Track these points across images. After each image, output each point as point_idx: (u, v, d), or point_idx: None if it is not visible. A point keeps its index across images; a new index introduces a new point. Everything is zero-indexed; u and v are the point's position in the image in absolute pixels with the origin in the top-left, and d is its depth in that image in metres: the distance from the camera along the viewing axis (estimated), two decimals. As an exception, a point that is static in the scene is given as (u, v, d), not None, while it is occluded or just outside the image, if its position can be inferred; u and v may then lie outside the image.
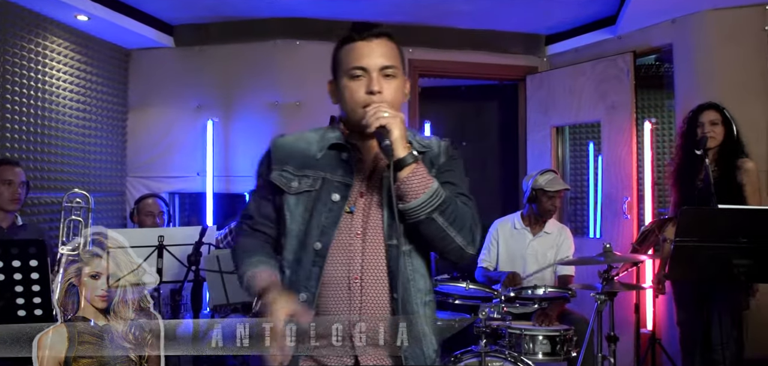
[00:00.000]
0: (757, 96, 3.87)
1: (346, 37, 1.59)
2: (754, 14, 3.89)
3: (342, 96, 1.60)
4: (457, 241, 1.52)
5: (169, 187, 4.64)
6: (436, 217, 1.49)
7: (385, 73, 1.55)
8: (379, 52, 1.56)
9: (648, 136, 4.18)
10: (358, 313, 1.55)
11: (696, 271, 2.83)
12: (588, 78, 4.52)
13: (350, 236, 1.57)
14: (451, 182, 1.59)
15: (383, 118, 1.47)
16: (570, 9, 4.45)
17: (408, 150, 1.48)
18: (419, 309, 1.58)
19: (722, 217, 2.78)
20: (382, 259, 1.56)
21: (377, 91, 1.52)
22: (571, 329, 3.28)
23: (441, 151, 1.66)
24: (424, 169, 1.51)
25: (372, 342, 1.54)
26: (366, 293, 1.55)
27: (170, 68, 4.71)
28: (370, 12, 4.56)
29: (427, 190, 1.48)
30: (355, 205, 1.59)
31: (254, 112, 4.62)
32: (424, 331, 1.59)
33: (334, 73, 1.64)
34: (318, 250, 1.55)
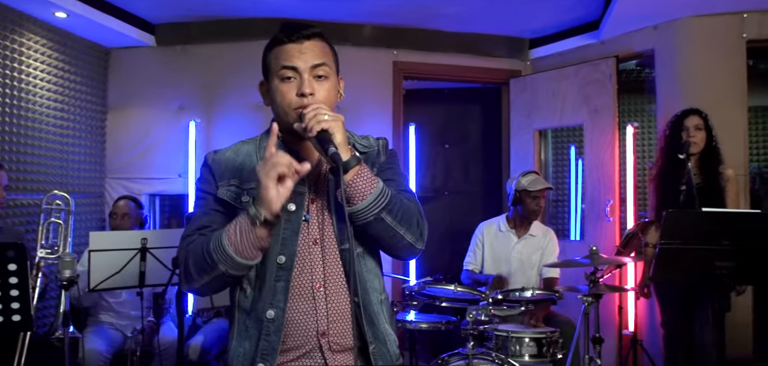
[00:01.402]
0: (736, 102, 3.95)
1: (275, 38, 1.53)
2: (733, 22, 3.97)
3: (273, 99, 1.53)
4: (407, 238, 1.51)
5: (149, 188, 4.56)
6: (385, 216, 1.47)
7: (316, 73, 1.50)
8: (311, 51, 1.50)
9: (630, 140, 4.24)
10: (325, 322, 1.52)
11: (680, 273, 2.87)
12: (571, 82, 4.57)
13: (309, 245, 1.53)
14: (393, 179, 1.58)
15: (324, 121, 1.41)
16: (554, 14, 4.49)
17: (351, 152, 1.45)
18: (378, 309, 1.58)
19: (706, 220, 2.82)
20: (340, 265, 1.54)
21: (309, 93, 1.47)
22: (557, 331, 3.30)
23: (380, 149, 1.65)
24: (368, 170, 1.48)
25: (341, 349, 1.54)
26: (330, 300, 1.53)
27: (151, 68, 4.63)
28: (355, 13, 4.55)
29: (374, 190, 1.46)
30: (309, 212, 1.55)
31: (237, 114, 4.56)
32: (387, 331, 1.58)
33: (265, 75, 1.57)
34: (282, 263, 1.50)
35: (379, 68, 4.77)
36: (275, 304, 1.49)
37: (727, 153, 3.53)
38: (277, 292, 1.49)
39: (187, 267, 1.49)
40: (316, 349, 1.52)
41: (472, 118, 5.69)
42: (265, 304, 1.49)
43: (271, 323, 1.49)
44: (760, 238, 2.72)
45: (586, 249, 3.05)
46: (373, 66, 4.76)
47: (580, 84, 4.51)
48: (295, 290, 1.51)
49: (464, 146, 5.72)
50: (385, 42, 4.77)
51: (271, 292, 1.49)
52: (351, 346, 1.55)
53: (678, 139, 3.45)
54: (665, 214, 2.75)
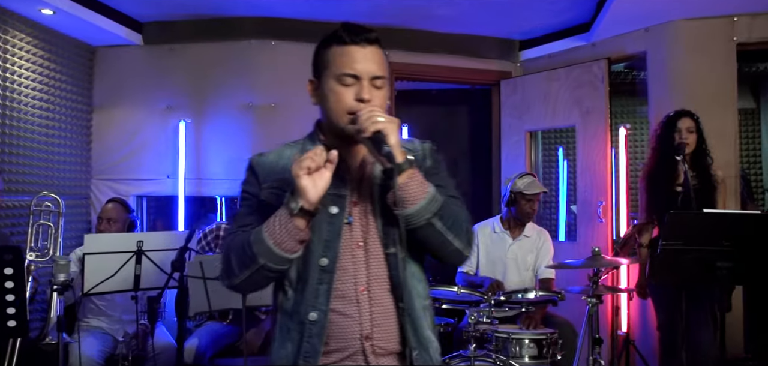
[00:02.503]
0: (727, 104, 4.01)
1: (336, 37, 1.50)
2: (723, 25, 4.03)
3: (326, 99, 1.51)
4: (455, 244, 1.50)
5: (137, 190, 4.47)
6: (435, 221, 1.46)
7: (375, 83, 1.49)
8: (371, 59, 1.49)
9: (623, 141, 4.28)
10: (369, 325, 1.51)
11: (680, 273, 2.91)
12: (562, 84, 4.60)
13: (352, 248, 1.53)
14: (440, 185, 1.55)
15: (379, 122, 1.40)
16: (545, 16, 4.51)
17: (404, 155, 1.43)
18: (421, 314, 1.56)
19: (707, 221, 2.86)
20: (384, 268, 1.53)
21: (367, 100, 1.47)
22: (556, 332, 3.31)
23: (426, 154, 1.62)
24: (420, 175, 1.46)
25: (384, 352, 1.53)
26: (374, 303, 1.52)
27: (138, 67, 4.53)
28: (348, 13, 4.51)
29: (426, 195, 1.45)
30: (351, 215, 1.54)
31: (227, 114, 4.49)
32: (429, 337, 1.57)
33: (318, 73, 1.54)
34: (324, 266, 1.50)
35: (371, 69, 4.73)
36: (318, 307, 1.49)
37: (717, 155, 3.57)
38: (319, 295, 1.49)
39: (228, 262, 1.50)
40: (359, 352, 1.51)
41: (459, 119, 5.71)
42: (308, 307, 1.49)
43: (313, 325, 1.49)
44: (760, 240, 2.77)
45: (576, 250, 3.08)
46: (365, 67, 4.71)
47: (571, 86, 4.54)
48: (338, 292, 1.51)
49: (451, 147, 5.72)
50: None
51: (314, 295, 1.49)
52: (395, 350, 1.54)
53: (670, 140, 3.49)
54: (667, 216, 2.78)
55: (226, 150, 4.47)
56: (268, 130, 4.48)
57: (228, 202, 4.66)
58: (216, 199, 4.61)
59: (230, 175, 4.45)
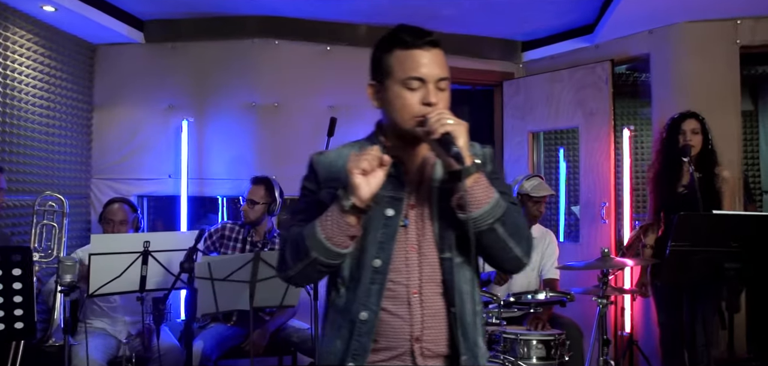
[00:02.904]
0: (730, 106, 4.03)
1: (399, 40, 1.50)
2: (726, 28, 4.06)
3: (391, 104, 1.51)
4: (516, 251, 1.50)
5: (138, 189, 4.42)
6: (498, 227, 1.46)
7: (439, 85, 1.49)
8: (436, 62, 1.49)
9: (627, 142, 4.29)
10: (420, 328, 1.52)
11: (689, 274, 2.92)
12: (565, 85, 4.61)
13: (406, 250, 1.54)
14: (501, 191, 1.53)
15: (448, 125, 1.41)
16: (548, 17, 4.52)
17: (472, 159, 1.43)
18: (472, 320, 1.56)
19: (715, 222, 2.88)
20: (438, 272, 1.54)
21: (434, 103, 1.47)
22: (563, 333, 3.31)
23: (487, 158, 1.61)
24: (486, 179, 1.46)
25: (433, 355, 1.54)
26: (426, 306, 1.53)
27: (139, 65, 4.48)
28: (351, 13, 4.50)
29: (490, 200, 1.44)
30: (407, 218, 1.55)
31: (229, 114, 4.46)
32: (478, 343, 1.57)
33: (379, 77, 1.54)
34: (377, 267, 1.51)
35: (374, 69, 4.71)
36: (369, 306, 1.51)
37: (721, 157, 3.60)
38: (371, 295, 1.51)
39: (283, 254, 1.55)
40: (407, 353, 1.52)
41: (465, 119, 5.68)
42: (359, 306, 1.51)
43: (364, 324, 1.50)
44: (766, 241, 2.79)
45: (579, 250, 3.09)
46: (367, 66, 4.61)
47: (574, 87, 4.55)
48: (390, 293, 1.52)
49: (453, 148, 5.70)
50: (380, 42, 4.71)
51: (366, 294, 1.51)
52: (443, 353, 1.54)
53: (675, 141, 3.51)
54: (677, 217, 2.79)
55: (228, 150, 4.44)
56: (271, 130, 4.46)
57: (229, 203, 4.63)
58: (217, 200, 4.57)
59: (232, 175, 4.42)
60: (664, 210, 3.55)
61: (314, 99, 4.56)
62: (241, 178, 4.39)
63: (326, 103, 4.58)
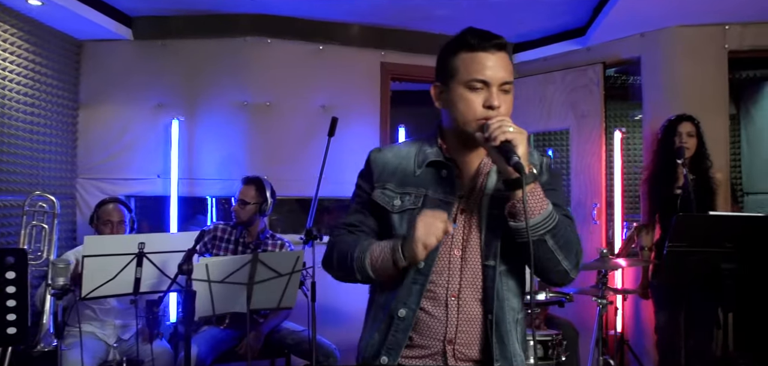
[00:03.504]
0: (719, 110, 4.10)
1: (464, 43, 1.51)
2: (715, 32, 4.12)
3: (454, 105, 1.52)
4: (564, 264, 1.49)
5: (125, 189, 4.31)
6: (548, 239, 1.46)
7: (503, 88, 1.50)
8: (500, 65, 1.50)
9: (618, 144, 4.33)
10: (454, 331, 1.55)
11: (686, 274, 2.95)
12: (557, 87, 4.64)
13: (450, 254, 1.56)
14: (555, 202, 1.53)
15: (509, 133, 1.41)
16: (541, 19, 4.54)
17: (530, 168, 1.44)
18: (511, 328, 1.57)
19: (711, 224, 2.92)
20: (479, 278, 1.55)
21: (497, 106, 1.47)
22: (560, 333, 3.33)
23: (544, 168, 1.61)
24: (541, 190, 1.46)
25: (465, 359, 1.56)
26: (462, 311, 1.55)
27: (128, 62, 4.38)
28: (342, 12, 4.47)
29: (543, 211, 1.44)
30: (455, 222, 1.56)
31: (221, 113, 4.39)
32: (516, 351, 1.58)
33: (444, 78, 1.55)
34: (420, 268, 1.54)
35: (367, 69, 4.70)
36: (408, 305, 1.55)
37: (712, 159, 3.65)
38: (412, 294, 1.55)
39: (331, 257, 1.64)
40: (439, 354, 1.56)
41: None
42: (399, 303, 1.55)
43: (401, 321, 1.55)
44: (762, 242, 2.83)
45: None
46: (360, 66, 4.68)
47: (566, 89, 4.58)
48: (430, 294, 1.56)
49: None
50: (372, 42, 4.70)
51: (407, 293, 1.55)
52: (476, 358, 1.56)
53: (670, 144, 3.55)
54: (674, 219, 2.81)
55: (219, 149, 4.37)
56: (263, 130, 4.40)
57: (219, 203, 4.56)
58: (207, 200, 4.50)
59: (223, 175, 4.36)
60: (659, 211, 3.59)
61: (307, 98, 4.52)
62: (233, 179, 4.32)
63: (319, 103, 4.54)
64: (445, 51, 1.56)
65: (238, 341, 3.65)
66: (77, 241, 4.22)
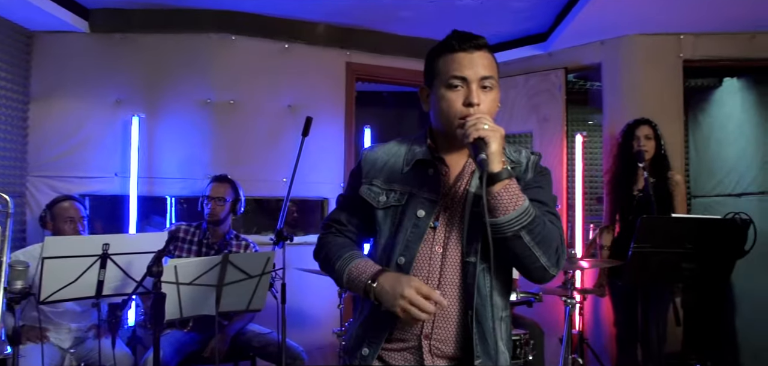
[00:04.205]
0: (674, 116, 4.26)
1: (446, 45, 1.57)
2: (671, 42, 4.29)
3: (438, 105, 1.57)
4: (542, 261, 1.51)
5: (80, 188, 4.14)
6: (524, 235, 1.47)
7: (483, 84, 1.54)
8: (480, 63, 1.54)
9: (579, 148, 4.44)
10: (431, 326, 1.58)
11: (649, 273, 3.05)
12: (520, 90, 4.72)
13: (432, 251, 1.59)
14: (540, 200, 1.56)
15: (483, 130, 1.44)
16: (504, 23, 4.61)
17: (503, 165, 1.45)
18: (494, 325, 1.58)
19: (674, 225, 3.03)
20: (459, 275, 1.57)
21: (476, 103, 1.51)
22: (527, 333, 3.38)
23: (529, 166, 1.64)
24: (516, 186, 1.48)
25: (441, 355, 1.59)
26: (440, 307, 1.56)
27: (84, 56, 4.20)
28: (308, 10, 4.42)
29: (518, 207, 1.46)
30: (438, 220, 1.60)
31: (183, 110, 4.27)
32: (499, 348, 1.59)
33: (429, 81, 1.62)
34: (401, 264, 1.58)
35: (332, 68, 4.66)
36: None
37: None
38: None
39: (318, 254, 1.74)
40: (417, 348, 1.59)
41: (422, 122, 5.72)
42: None
43: (383, 314, 1.58)
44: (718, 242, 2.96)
45: None
46: (325, 66, 4.65)
47: (529, 93, 4.67)
48: None
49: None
50: (338, 42, 4.67)
51: None
52: (453, 355, 1.58)
53: (630, 147, 3.67)
54: (640, 220, 2.91)
55: (180, 148, 4.25)
56: (227, 128, 4.31)
57: (178, 203, 4.43)
58: (166, 200, 4.36)
59: (185, 174, 4.24)
60: (620, 212, 3.70)
61: (272, 97, 4.45)
62: (195, 178, 4.22)
63: (284, 102, 4.48)
64: (430, 55, 1.62)
65: (203, 344, 3.56)
66: (27, 241, 4.03)
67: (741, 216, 2.87)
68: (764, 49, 4.27)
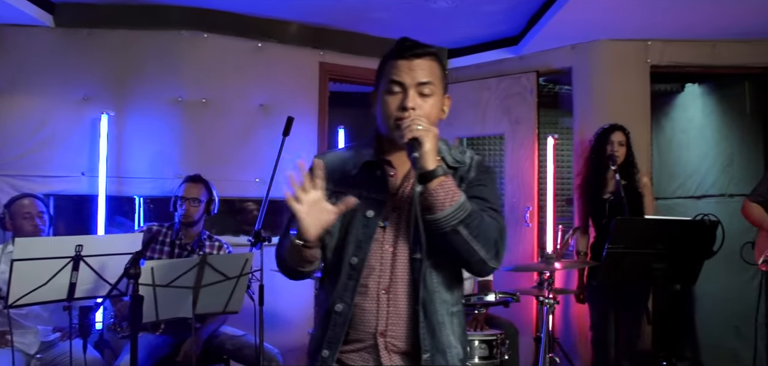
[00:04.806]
0: (641, 120, 4.38)
1: (390, 52, 1.65)
2: (638, 48, 4.41)
3: (379, 108, 1.65)
4: (480, 253, 1.57)
5: (44, 187, 3.98)
6: (461, 229, 1.53)
7: (421, 90, 1.60)
8: (419, 69, 1.60)
9: (550, 150, 4.52)
10: (385, 323, 1.63)
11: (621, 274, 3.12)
12: (492, 93, 4.78)
13: (382, 250, 1.65)
14: (481, 197, 1.64)
15: (417, 130, 1.51)
16: (477, 26, 4.66)
17: (438, 163, 1.53)
18: (445, 319, 1.65)
19: (647, 227, 3.11)
20: (408, 272, 1.64)
21: (410, 107, 1.57)
22: (503, 333, 3.43)
23: (473, 165, 1.71)
24: (451, 182, 1.55)
25: (396, 351, 1.64)
26: (392, 304, 1.63)
27: (49, 51, 4.07)
28: (281, 9, 4.38)
29: (454, 203, 1.52)
30: (387, 219, 1.66)
31: (153, 108, 4.17)
32: (450, 342, 1.65)
33: (376, 85, 1.70)
34: (353, 264, 1.64)
35: (305, 68, 4.63)
36: (344, 299, 1.64)
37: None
38: (347, 289, 1.64)
39: (277, 264, 1.75)
40: (373, 347, 1.64)
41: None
42: (336, 299, 1.65)
43: (338, 316, 1.64)
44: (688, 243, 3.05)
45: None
46: (298, 65, 4.61)
47: (501, 95, 4.73)
48: (363, 289, 1.64)
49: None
50: (311, 42, 4.65)
51: (343, 288, 1.64)
52: (407, 350, 1.64)
53: (603, 151, 3.75)
54: (614, 222, 2.98)
55: (150, 146, 4.15)
56: (198, 127, 4.23)
57: (146, 203, 4.32)
58: (134, 200, 4.25)
59: (155, 173, 4.14)
60: (592, 215, 3.78)
61: (244, 97, 4.39)
62: (165, 178, 4.13)
63: (257, 102, 4.42)
64: (381, 61, 1.69)
65: (175, 348, 3.48)
66: (-14, 243, 3.87)
67: (710, 218, 2.96)
68: (725, 57, 4.43)
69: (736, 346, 4.74)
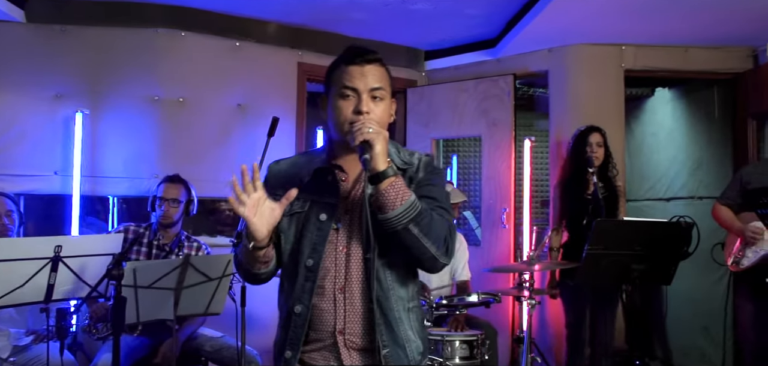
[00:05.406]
0: (616, 123, 4.48)
1: (341, 58, 1.70)
2: (613, 52, 4.51)
3: (331, 113, 1.70)
4: (432, 250, 1.63)
5: (14, 186, 3.86)
6: (412, 227, 1.59)
7: (373, 94, 1.66)
8: (371, 75, 1.67)
9: (527, 152, 4.58)
10: (343, 322, 1.69)
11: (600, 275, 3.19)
12: (470, 95, 4.82)
13: (336, 251, 1.71)
14: (430, 196, 1.70)
15: (368, 133, 1.57)
16: (455, 29, 4.70)
17: (388, 164, 1.58)
18: (402, 315, 1.71)
19: (626, 228, 3.18)
20: (362, 271, 1.70)
21: (365, 112, 1.63)
22: (483, 333, 3.47)
23: (421, 166, 1.77)
24: (402, 182, 1.60)
25: (355, 347, 1.70)
26: (349, 303, 1.69)
27: (20, 47, 3.95)
28: (259, 9, 4.35)
29: (404, 202, 1.58)
30: (340, 222, 1.72)
31: (129, 107, 4.09)
32: (408, 336, 1.71)
33: (326, 91, 1.74)
34: (309, 266, 1.70)
35: (283, 68, 4.61)
36: (302, 301, 1.69)
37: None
38: (305, 291, 1.70)
39: (237, 268, 1.81)
40: (332, 345, 1.70)
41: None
42: (295, 301, 1.70)
43: (298, 317, 1.70)
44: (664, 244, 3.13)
45: (479, 254, 3.23)
46: (276, 65, 4.58)
47: (478, 98, 4.77)
48: (320, 290, 1.70)
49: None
50: (289, 42, 4.62)
51: (301, 290, 1.70)
52: (365, 347, 1.69)
53: (582, 153, 3.81)
54: (594, 224, 3.03)
55: (126, 146, 4.08)
56: (175, 126, 4.17)
57: (120, 203, 4.24)
58: (108, 200, 4.16)
59: (131, 172, 4.07)
60: (569, 216, 3.85)
61: (222, 95, 4.34)
62: (141, 177, 4.06)
63: (235, 101, 4.38)
64: (330, 68, 1.73)
65: (153, 349, 3.43)
66: (-46, 244, 3.74)
67: (686, 220, 3.04)
68: (696, 62, 4.56)
69: (704, 345, 4.88)
